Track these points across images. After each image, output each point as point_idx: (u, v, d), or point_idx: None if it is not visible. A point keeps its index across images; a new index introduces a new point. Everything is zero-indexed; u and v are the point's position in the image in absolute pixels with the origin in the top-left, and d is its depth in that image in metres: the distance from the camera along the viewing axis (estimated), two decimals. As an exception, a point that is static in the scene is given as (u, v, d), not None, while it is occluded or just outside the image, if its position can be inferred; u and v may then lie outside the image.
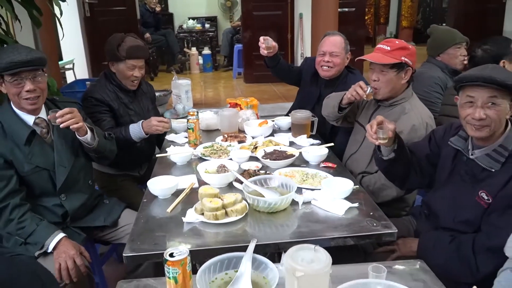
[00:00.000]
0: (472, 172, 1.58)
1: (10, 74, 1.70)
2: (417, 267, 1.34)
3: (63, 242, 1.73)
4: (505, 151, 1.50)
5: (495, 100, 1.46)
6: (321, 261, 1.08)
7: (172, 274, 1.06)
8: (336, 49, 2.52)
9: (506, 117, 1.50)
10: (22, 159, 1.77)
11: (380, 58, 1.98)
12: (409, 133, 1.92)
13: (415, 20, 9.62)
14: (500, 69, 1.53)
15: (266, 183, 1.77)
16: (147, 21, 7.04)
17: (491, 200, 1.50)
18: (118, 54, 2.34)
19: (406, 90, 2.05)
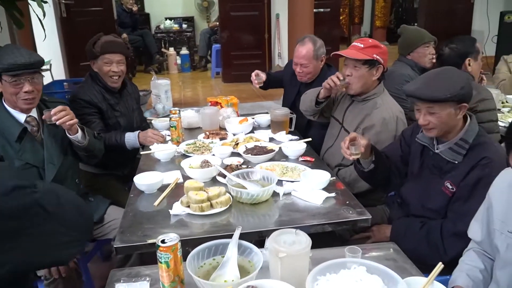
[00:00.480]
0: (439, 165, 1.72)
1: (10, 75, 1.76)
2: (390, 249, 1.46)
3: None
4: (466, 144, 1.63)
5: (432, 110, 1.61)
6: (301, 242, 1.18)
7: (164, 259, 1.13)
8: (304, 60, 2.62)
9: (456, 117, 1.62)
10: (13, 155, 1.80)
11: (354, 54, 2.10)
12: (380, 126, 2.05)
13: (388, 20, 9.87)
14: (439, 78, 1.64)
15: (248, 177, 1.86)
16: (124, 22, 7.03)
17: (455, 189, 1.64)
18: (94, 51, 2.41)
19: (378, 86, 2.17)
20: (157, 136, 2.42)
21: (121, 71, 2.47)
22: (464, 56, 2.42)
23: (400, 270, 1.29)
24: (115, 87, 2.52)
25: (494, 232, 1.27)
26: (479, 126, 1.69)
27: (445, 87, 1.58)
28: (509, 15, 5.92)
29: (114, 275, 1.31)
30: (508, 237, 1.22)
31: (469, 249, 1.44)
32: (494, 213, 1.28)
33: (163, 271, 1.15)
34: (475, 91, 2.31)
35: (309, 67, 2.63)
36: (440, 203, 1.68)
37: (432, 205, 1.71)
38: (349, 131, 2.19)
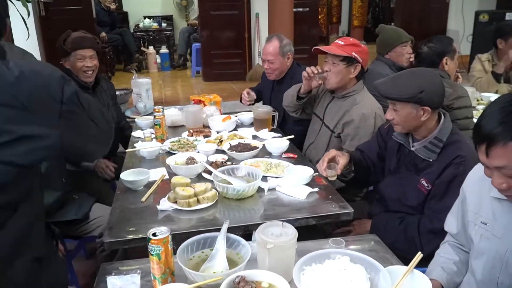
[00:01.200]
0: (414, 162, 1.78)
1: None
2: (371, 241, 1.52)
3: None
4: (440, 142, 1.69)
5: (395, 107, 1.70)
6: (288, 234, 1.23)
7: (155, 252, 1.16)
8: (270, 56, 2.73)
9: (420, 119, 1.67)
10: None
11: (333, 50, 2.17)
12: (359, 120, 2.13)
13: (365, 20, 10.03)
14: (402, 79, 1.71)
15: (233, 173, 1.90)
16: (102, 20, 6.94)
17: (431, 187, 1.70)
18: (65, 48, 2.41)
19: (357, 84, 2.24)
20: (108, 171, 2.47)
21: (94, 65, 2.48)
22: (442, 55, 2.50)
23: (381, 260, 1.35)
24: (89, 82, 2.52)
25: (468, 223, 1.34)
26: (452, 124, 1.76)
27: (405, 88, 1.65)
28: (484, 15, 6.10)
29: (104, 269, 1.33)
30: (481, 228, 1.28)
31: (445, 242, 1.51)
32: (468, 205, 1.35)
33: (154, 263, 1.18)
34: (451, 89, 2.42)
35: (275, 63, 2.73)
36: (417, 200, 1.75)
37: (409, 202, 1.78)
38: (330, 126, 2.26)
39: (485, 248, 1.27)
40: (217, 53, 6.29)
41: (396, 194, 1.83)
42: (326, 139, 2.28)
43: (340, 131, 2.21)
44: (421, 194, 1.73)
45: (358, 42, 2.23)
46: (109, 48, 6.86)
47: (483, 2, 7.08)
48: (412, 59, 3.00)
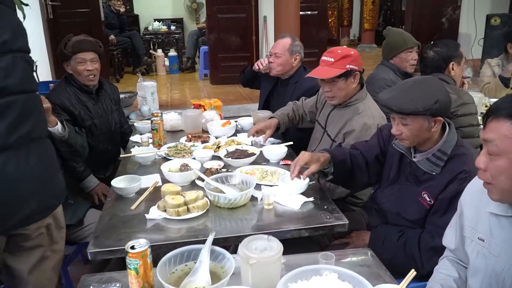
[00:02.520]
0: (415, 174, 1.69)
1: None
2: (365, 255, 1.45)
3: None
4: (444, 155, 1.60)
5: (404, 121, 1.59)
6: (273, 249, 1.18)
7: (133, 266, 1.12)
8: (278, 50, 2.70)
9: (431, 130, 1.59)
10: None
11: (325, 72, 2.07)
12: (360, 131, 2.05)
13: (376, 23, 9.93)
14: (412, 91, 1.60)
15: (227, 181, 1.85)
16: (111, 23, 6.98)
17: (433, 202, 1.61)
18: (65, 52, 2.39)
19: (360, 91, 2.16)
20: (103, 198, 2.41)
21: (96, 69, 2.45)
22: (448, 60, 2.42)
23: (373, 277, 1.30)
24: (92, 85, 2.49)
25: (465, 239, 1.28)
26: (457, 133, 1.67)
27: (418, 100, 1.54)
28: (496, 18, 5.98)
29: (84, 280, 1.30)
30: (478, 244, 1.22)
31: (444, 257, 1.43)
32: (465, 220, 1.28)
33: (132, 278, 1.14)
34: (455, 95, 2.34)
35: (281, 58, 2.69)
36: (418, 215, 1.66)
37: (409, 215, 1.69)
38: (331, 136, 2.20)
39: (481, 266, 1.20)
40: (225, 56, 6.26)
41: (396, 207, 1.75)
42: (327, 147, 2.21)
43: (341, 140, 2.14)
44: (422, 208, 1.64)
45: (347, 50, 2.12)
46: (118, 51, 6.89)
47: (495, 5, 6.94)
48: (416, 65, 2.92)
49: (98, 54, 2.47)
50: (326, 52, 2.17)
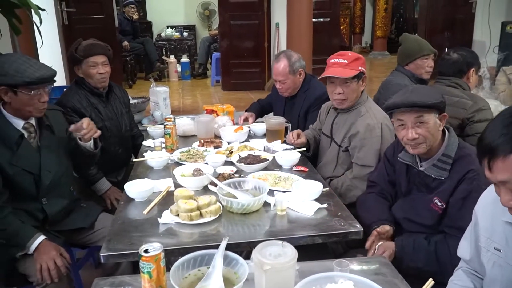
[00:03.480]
0: (425, 182, 1.69)
1: (33, 88, 1.79)
2: (379, 263, 1.42)
3: (44, 244, 1.76)
4: (449, 158, 1.61)
5: (421, 119, 1.58)
6: (287, 255, 1.16)
7: (146, 269, 1.11)
8: (281, 77, 2.64)
9: (439, 129, 1.61)
10: (8, 161, 1.79)
11: (342, 72, 2.08)
12: (364, 132, 2.06)
13: (389, 30, 9.89)
14: (419, 89, 1.65)
15: (240, 186, 1.84)
16: (125, 29, 7.05)
17: (444, 206, 1.61)
18: (77, 56, 2.42)
19: (361, 95, 2.18)
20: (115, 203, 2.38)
21: (107, 72, 2.49)
22: (471, 65, 2.44)
23: (389, 285, 1.28)
24: (103, 87, 2.52)
25: (480, 249, 1.25)
26: (472, 138, 1.67)
27: (427, 95, 1.58)
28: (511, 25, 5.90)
29: (97, 283, 1.30)
30: (494, 254, 1.19)
31: (459, 268, 1.41)
32: (480, 229, 1.26)
33: (145, 282, 1.13)
34: (471, 101, 2.32)
35: (287, 82, 2.65)
36: (431, 220, 1.65)
37: (422, 221, 1.68)
38: (338, 142, 2.20)
39: (497, 276, 1.17)
40: (236, 62, 6.27)
41: (408, 214, 1.74)
42: (335, 154, 2.22)
43: (347, 144, 2.15)
44: (434, 214, 1.63)
45: (356, 53, 2.16)
46: (131, 57, 6.94)
47: (510, 12, 6.86)
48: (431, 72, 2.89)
49: (108, 58, 2.51)
50: (335, 54, 2.18)
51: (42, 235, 1.79)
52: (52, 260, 1.72)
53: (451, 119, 2.38)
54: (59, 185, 1.97)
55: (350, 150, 2.13)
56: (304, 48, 4.36)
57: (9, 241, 1.75)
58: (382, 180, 1.92)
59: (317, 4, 6.07)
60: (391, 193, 1.90)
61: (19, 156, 1.82)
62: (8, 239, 1.74)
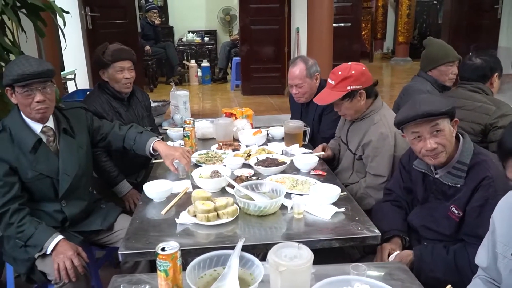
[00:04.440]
0: (441, 190, 1.66)
1: (21, 86, 1.74)
2: (397, 269, 1.40)
3: (61, 244, 1.78)
4: (464, 165, 1.58)
5: (437, 127, 1.56)
6: (303, 257, 1.16)
7: (163, 267, 1.13)
8: (298, 80, 2.62)
9: (453, 135, 1.59)
10: (27, 166, 1.81)
11: (326, 96, 2.14)
12: (377, 140, 2.04)
13: (411, 36, 9.78)
14: (426, 99, 1.62)
15: (257, 188, 1.84)
16: (147, 34, 7.18)
17: (461, 214, 1.58)
18: (104, 60, 2.45)
19: (374, 103, 2.16)
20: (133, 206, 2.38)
21: (132, 77, 2.52)
22: (494, 70, 2.40)
23: (406, 291, 1.26)
24: (127, 92, 2.56)
25: (497, 256, 1.22)
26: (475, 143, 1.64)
27: (439, 103, 1.57)
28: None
29: (115, 281, 1.31)
30: (511, 261, 1.16)
31: (476, 276, 1.38)
32: (497, 236, 1.23)
33: (161, 280, 1.14)
34: (494, 106, 2.28)
35: (304, 86, 2.62)
36: (449, 229, 1.63)
37: (441, 229, 1.66)
38: (352, 149, 2.20)
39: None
40: (256, 67, 6.31)
41: (426, 222, 1.71)
42: (350, 161, 2.22)
43: (361, 153, 2.14)
44: (452, 222, 1.60)
45: (348, 71, 2.09)
46: (153, 61, 7.06)
47: (537, 18, 6.71)
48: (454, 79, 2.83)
49: (133, 63, 2.55)
50: (330, 72, 2.18)
51: (59, 235, 1.81)
52: (69, 259, 1.74)
53: (474, 124, 2.33)
54: (78, 187, 1.98)
55: (363, 159, 2.12)
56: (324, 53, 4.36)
57: (27, 242, 1.78)
58: (397, 187, 1.90)
59: (338, 9, 6.07)
60: (407, 200, 1.88)
61: (38, 161, 1.83)
62: (26, 241, 1.77)
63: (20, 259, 1.83)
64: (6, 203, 1.77)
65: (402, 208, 1.88)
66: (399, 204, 1.89)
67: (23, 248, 1.79)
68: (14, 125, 1.83)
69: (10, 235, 1.81)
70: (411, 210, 1.85)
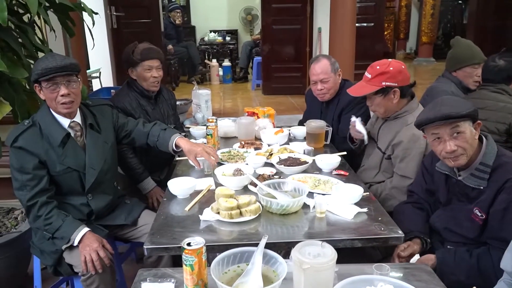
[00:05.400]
0: (465, 192, 1.65)
1: (46, 80, 1.80)
2: (421, 271, 1.39)
3: (87, 236, 1.83)
4: (487, 167, 1.56)
5: (458, 129, 1.55)
6: (326, 255, 1.17)
7: (189, 262, 1.15)
8: (324, 75, 2.61)
9: (475, 138, 1.57)
10: (55, 159, 1.87)
11: (360, 89, 2.14)
12: (408, 142, 2.02)
13: (435, 36, 9.62)
14: (448, 100, 1.61)
15: (279, 187, 1.86)
16: (169, 33, 7.25)
17: (485, 216, 1.56)
18: (133, 59, 2.51)
19: (409, 104, 2.14)
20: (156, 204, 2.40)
21: (160, 76, 2.58)
22: None
23: (430, 292, 1.25)
24: (154, 91, 2.61)
25: None
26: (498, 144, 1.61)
27: (460, 105, 1.55)
28: None
29: (141, 274, 1.35)
30: None
31: (501, 280, 1.36)
32: None
33: (187, 274, 1.16)
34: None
35: (329, 81, 2.63)
36: (473, 232, 1.61)
37: (464, 232, 1.64)
38: (382, 149, 2.17)
39: None
40: (278, 67, 6.31)
41: (449, 224, 1.70)
42: (378, 160, 2.21)
43: (390, 152, 2.12)
44: (475, 225, 1.59)
45: (386, 67, 2.09)
46: (175, 60, 7.13)
47: None
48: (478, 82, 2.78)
49: (161, 62, 2.59)
50: (369, 66, 2.17)
51: (85, 227, 1.87)
52: (95, 251, 1.79)
53: (499, 124, 2.30)
54: (104, 181, 2.04)
55: (392, 158, 2.11)
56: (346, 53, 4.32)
57: (54, 234, 1.84)
58: (419, 189, 1.89)
59: (361, 9, 6.01)
60: (429, 202, 1.86)
61: (66, 154, 1.89)
62: (53, 233, 1.84)
63: (48, 251, 1.89)
64: (35, 196, 1.83)
65: (423, 210, 1.86)
66: (421, 206, 1.87)
67: (51, 240, 1.85)
68: (43, 120, 1.89)
69: (38, 227, 1.87)
70: (433, 212, 1.84)
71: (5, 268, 2.28)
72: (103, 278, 1.81)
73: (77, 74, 1.89)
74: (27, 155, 1.82)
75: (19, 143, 1.82)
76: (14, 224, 2.46)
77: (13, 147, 1.83)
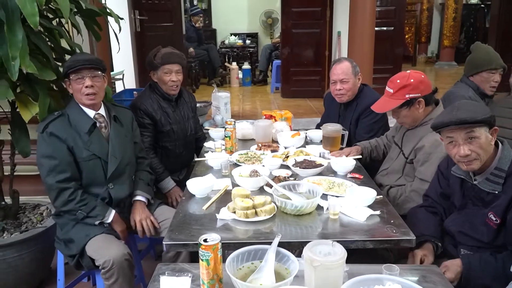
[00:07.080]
0: (480, 196, 1.67)
1: (73, 72, 1.99)
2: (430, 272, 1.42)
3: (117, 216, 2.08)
4: (502, 172, 1.58)
5: (472, 135, 1.56)
6: (336, 254, 1.21)
7: (205, 257, 1.21)
8: (344, 76, 2.65)
9: (491, 143, 1.58)
10: (82, 146, 2.02)
11: (384, 105, 2.16)
12: (430, 146, 2.03)
13: (457, 40, 9.49)
14: (465, 105, 1.62)
15: (294, 189, 1.91)
16: (190, 36, 7.38)
17: (499, 221, 1.57)
18: (155, 62, 2.61)
19: (434, 111, 2.15)
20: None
21: (179, 80, 2.66)
22: None
23: (438, 293, 1.28)
24: (173, 95, 2.69)
25: None
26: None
27: (477, 111, 1.57)
28: None
29: (160, 268, 1.42)
30: None
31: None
32: None
33: (203, 268, 1.23)
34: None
35: (349, 82, 2.66)
36: (488, 237, 1.62)
37: (478, 236, 1.66)
38: (405, 154, 2.19)
39: None
40: (297, 70, 6.35)
41: (463, 228, 1.72)
42: (401, 165, 2.22)
43: (413, 157, 2.14)
44: (490, 229, 1.60)
45: (407, 79, 2.10)
46: (196, 63, 7.25)
47: None
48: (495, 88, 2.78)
49: (182, 66, 2.67)
50: (388, 81, 2.19)
51: (113, 210, 2.08)
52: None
53: None
54: (123, 172, 2.15)
55: (414, 162, 2.13)
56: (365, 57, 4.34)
57: (89, 214, 2.01)
58: (434, 193, 1.91)
59: (381, 13, 6.01)
60: (443, 206, 1.88)
61: (91, 141, 2.04)
62: (89, 212, 2.00)
63: (75, 238, 2.00)
64: (65, 180, 1.98)
65: (437, 214, 1.88)
66: (434, 210, 1.89)
67: (82, 221, 2.00)
68: (71, 111, 2.06)
69: (70, 209, 2.00)
70: (447, 217, 1.85)
71: (30, 262, 2.39)
72: (122, 272, 1.89)
73: (101, 70, 2.06)
74: (56, 141, 1.98)
75: (50, 129, 1.98)
76: (40, 220, 2.57)
77: (44, 134, 1.98)
